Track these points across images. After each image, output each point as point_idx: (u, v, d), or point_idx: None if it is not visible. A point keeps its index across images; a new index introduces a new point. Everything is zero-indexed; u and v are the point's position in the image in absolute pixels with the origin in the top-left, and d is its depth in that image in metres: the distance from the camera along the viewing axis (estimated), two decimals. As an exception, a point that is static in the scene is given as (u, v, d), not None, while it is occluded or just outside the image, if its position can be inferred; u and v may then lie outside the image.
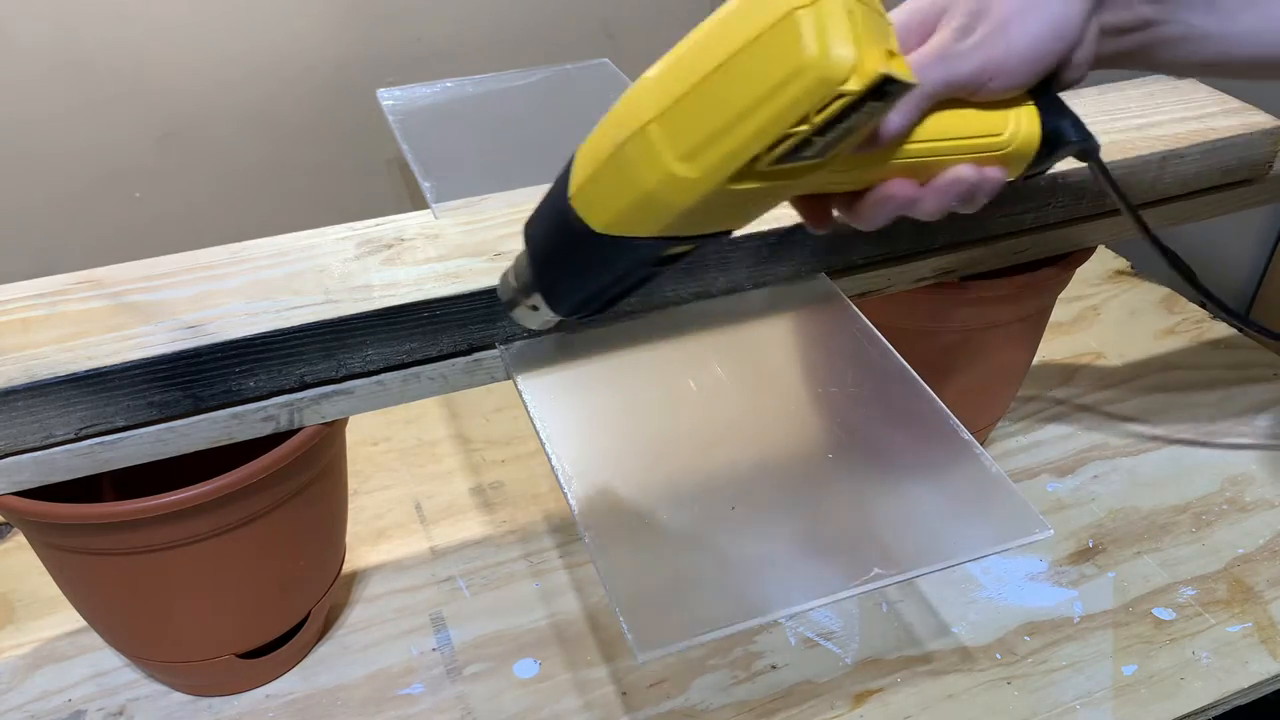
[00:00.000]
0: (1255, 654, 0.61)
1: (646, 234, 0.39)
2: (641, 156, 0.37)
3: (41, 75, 0.72)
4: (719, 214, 0.39)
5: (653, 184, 0.37)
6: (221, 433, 0.49)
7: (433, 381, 0.52)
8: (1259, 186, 0.69)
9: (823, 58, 0.33)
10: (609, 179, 0.39)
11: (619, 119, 0.38)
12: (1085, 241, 0.65)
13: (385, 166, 0.87)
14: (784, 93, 0.34)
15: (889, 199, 0.42)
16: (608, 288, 0.43)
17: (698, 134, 0.36)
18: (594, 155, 0.39)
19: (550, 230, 0.42)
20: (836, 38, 0.33)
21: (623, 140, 0.38)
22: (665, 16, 0.88)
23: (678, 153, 0.37)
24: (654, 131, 0.37)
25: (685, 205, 0.38)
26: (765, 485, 0.47)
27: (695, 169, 0.37)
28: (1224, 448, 0.76)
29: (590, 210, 0.40)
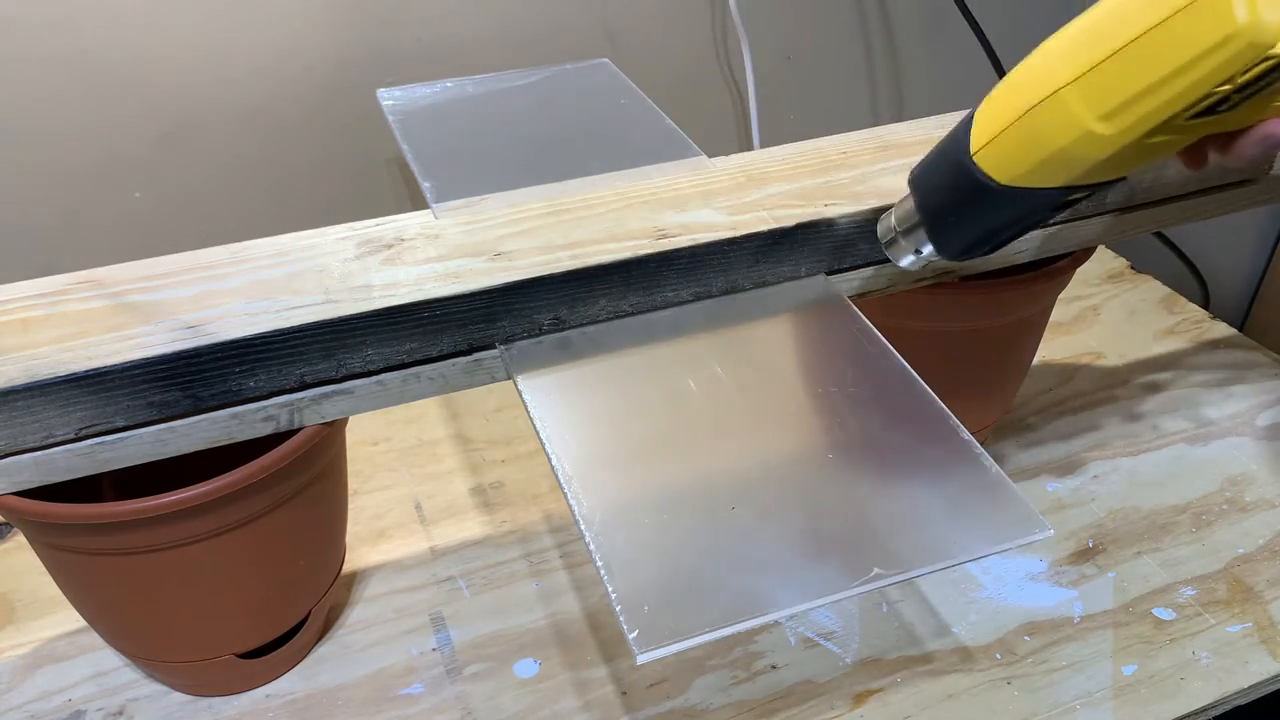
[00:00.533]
0: (1255, 654, 0.61)
1: (1054, 185, 0.43)
2: (1057, 117, 0.41)
3: (42, 75, 0.72)
4: (1125, 163, 0.42)
5: (1067, 141, 0.41)
6: (221, 433, 0.49)
7: (433, 381, 0.52)
8: (1259, 186, 0.69)
9: (1254, 24, 0.36)
10: (1019, 137, 0.43)
11: (1028, 81, 0.42)
12: (1085, 241, 0.65)
13: (385, 166, 0.87)
14: (1213, 57, 0.37)
15: (1268, 137, 0.43)
16: (1000, 232, 0.47)
17: (1119, 96, 0.40)
18: (1000, 115, 0.43)
19: (949, 183, 0.46)
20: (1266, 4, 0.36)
21: (1035, 102, 0.41)
22: (665, 16, 0.88)
23: (1097, 113, 0.40)
24: (1070, 95, 0.40)
25: (1098, 159, 0.41)
26: (765, 485, 0.47)
27: (1113, 127, 0.40)
28: (1224, 448, 0.76)
29: (996, 165, 0.44)
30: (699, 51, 0.92)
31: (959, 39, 0.91)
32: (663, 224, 0.55)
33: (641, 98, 0.74)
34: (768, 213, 0.56)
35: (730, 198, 0.58)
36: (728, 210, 0.56)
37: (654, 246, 0.53)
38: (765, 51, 0.93)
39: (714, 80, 0.94)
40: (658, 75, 0.89)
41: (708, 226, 0.55)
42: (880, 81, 1.02)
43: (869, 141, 0.64)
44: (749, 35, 0.89)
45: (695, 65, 0.92)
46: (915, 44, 1.01)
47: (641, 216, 0.56)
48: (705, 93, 0.94)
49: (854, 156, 0.62)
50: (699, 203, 0.57)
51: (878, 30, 0.98)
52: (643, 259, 0.53)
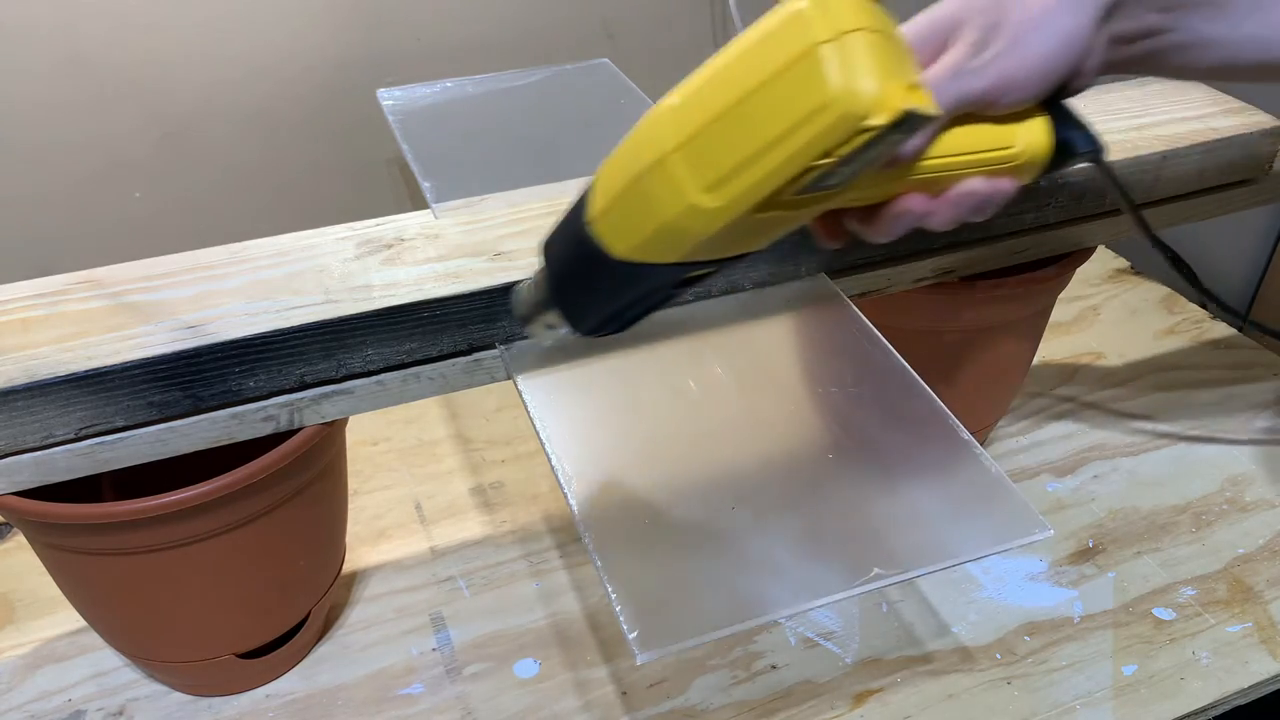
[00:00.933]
0: (1255, 654, 0.61)
1: (668, 260, 0.39)
2: (663, 187, 0.37)
3: (42, 75, 0.72)
4: (740, 239, 0.40)
5: (674, 214, 0.37)
6: (221, 433, 0.49)
7: (433, 381, 0.52)
8: (1259, 186, 0.69)
9: (847, 93, 0.33)
10: (629, 207, 0.39)
11: (639, 147, 0.38)
12: (1085, 241, 0.65)
13: (385, 166, 0.87)
14: (808, 128, 0.34)
15: (904, 213, 0.42)
16: (628, 309, 0.43)
17: (721, 166, 0.36)
18: (613, 183, 0.39)
19: (570, 254, 0.42)
20: (860, 73, 0.33)
21: (643, 169, 0.38)
22: (665, 16, 0.88)
23: (700, 184, 0.37)
24: (675, 162, 0.37)
25: (707, 234, 0.38)
26: (765, 485, 0.47)
27: (718, 199, 0.37)
28: (1224, 447, 0.76)
29: (610, 236, 0.40)
30: (699, 52, 0.91)
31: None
32: (663, 224, 0.55)
33: (641, 98, 0.74)
34: (768, 213, 0.56)
35: (730, 198, 0.58)
36: (728, 210, 0.56)
37: (654, 246, 0.53)
38: (765, 51, 0.93)
39: (714, 80, 0.94)
40: (658, 75, 0.89)
41: (708, 226, 0.55)
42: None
43: (869, 141, 0.64)
44: (749, 35, 0.89)
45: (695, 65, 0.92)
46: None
47: (641, 216, 0.56)
48: (705, 93, 0.94)
49: (854, 156, 0.62)
50: (699, 203, 0.57)
51: (878, 30, 0.98)
52: (643, 259, 0.53)
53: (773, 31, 0.35)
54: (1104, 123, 0.66)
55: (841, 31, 0.33)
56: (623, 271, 0.40)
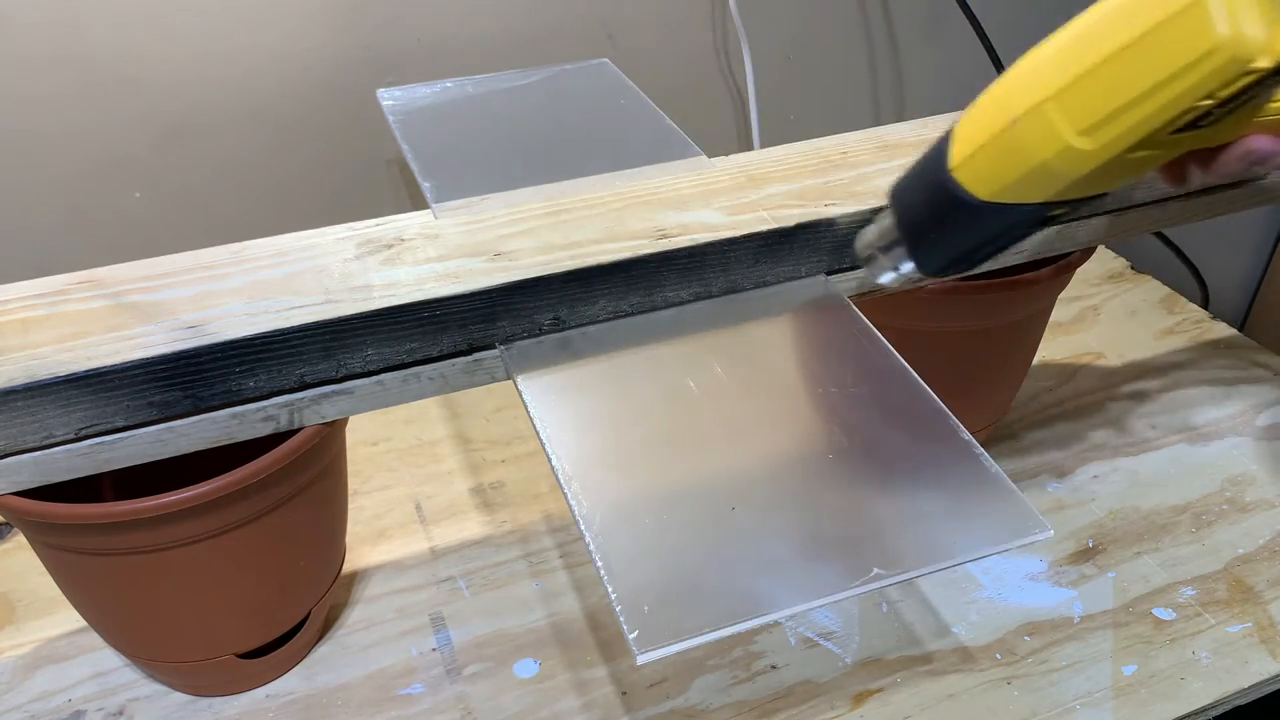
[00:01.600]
0: (1255, 654, 0.61)
1: (1034, 200, 0.42)
2: (1037, 132, 0.40)
3: (42, 74, 0.72)
4: (1107, 179, 0.42)
5: (1048, 156, 0.40)
6: (221, 433, 0.49)
7: (433, 381, 0.52)
8: (1259, 186, 0.69)
9: (1235, 38, 0.36)
10: (999, 152, 0.42)
11: (1007, 97, 0.41)
12: (1085, 241, 0.65)
13: (385, 166, 0.87)
14: (1194, 71, 0.37)
15: (1250, 153, 0.43)
16: (981, 248, 0.46)
17: (1100, 110, 0.39)
18: (979, 130, 0.42)
19: (929, 199, 0.45)
20: (1247, 18, 0.36)
21: (1016, 117, 0.41)
22: (665, 16, 0.88)
23: (1078, 128, 0.39)
24: (1052, 108, 0.40)
25: (1079, 175, 0.40)
26: (765, 485, 0.47)
27: (1094, 142, 0.39)
28: (1224, 447, 0.76)
29: (976, 181, 0.43)
30: (699, 51, 0.92)
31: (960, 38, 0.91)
32: (663, 224, 0.55)
33: (641, 98, 0.74)
34: (768, 213, 0.56)
35: (730, 198, 0.58)
36: (728, 210, 0.56)
37: (654, 246, 0.53)
38: (765, 51, 0.93)
39: (714, 80, 0.94)
40: (658, 75, 0.89)
41: (708, 226, 0.55)
42: (881, 81, 1.02)
43: (869, 141, 0.64)
44: (749, 35, 0.89)
45: (695, 65, 0.92)
46: (916, 43, 1.01)
47: (641, 216, 0.56)
48: (705, 93, 0.94)
49: (854, 156, 0.62)
50: (699, 203, 0.57)
51: (878, 30, 0.98)
52: (642, 259, 0.53)
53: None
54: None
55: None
56: (986, 213, 0.43)
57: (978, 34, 0.88)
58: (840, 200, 0.57)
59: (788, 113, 0.99)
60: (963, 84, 1.03)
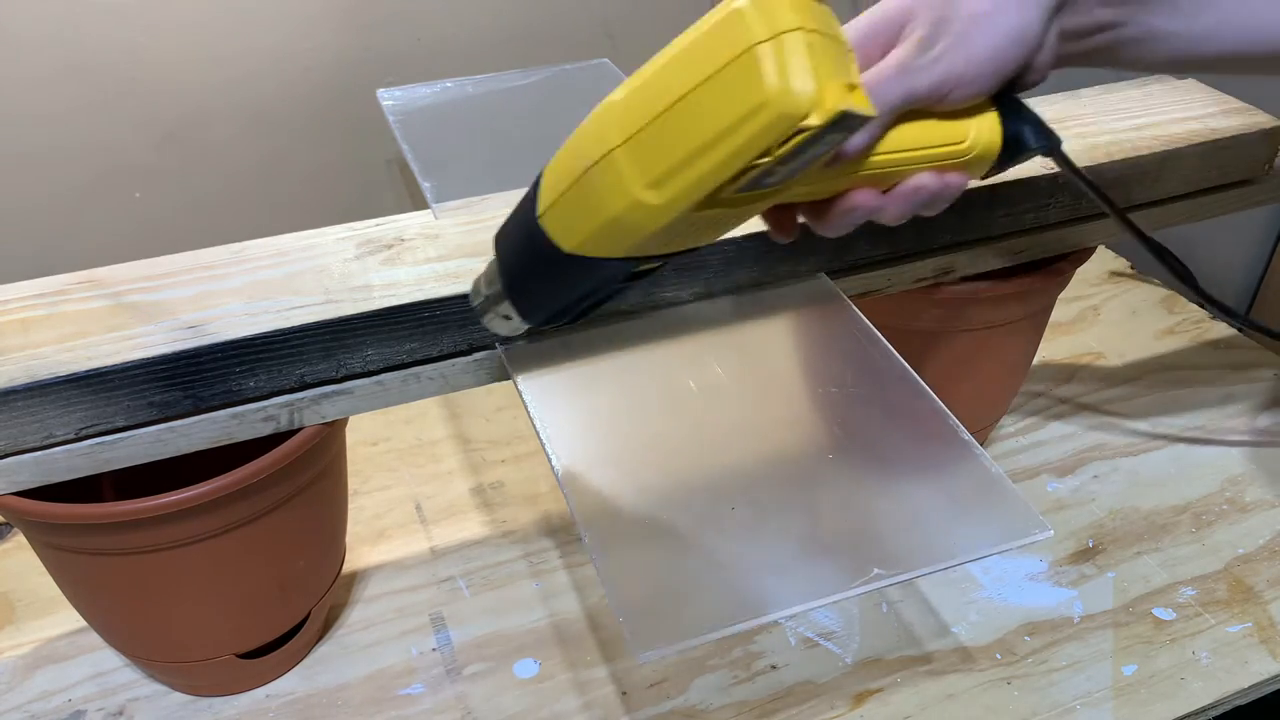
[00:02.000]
0: (1255, 654, 0.61)
1: (615, 255, 0.40)
2: (608, 182, 0.38)
3: (42, 75, 0.72)
4: (686, 234, 0.40)
5: (620, 209, 0.38)
6: (221, 433, 0.49)
7: (433, 381, 0.52)
8: (1259, 186, 0.69)
9: (783, 93, 0.33)
10: (577, 202, 0.39)
11: (585, 142, 0.38)
12: (1085, 241, 0.65)
13: (385, 166, 0.87)
14: (746, 127, 0.34)
15: (853, 209, 0.42)
16: (578, 301, 0.43)
17: (663, 163, 0.36)
18: (561, 177, 0.39)
19: (520, 247, 0.42)
20: (797, 73, 0.33)
21: (589, 165, 0.38)
22: (665, 16, 0.88)
23: (644, 180, 0.37)
24: (620, 158, 0.37)
25: (652, 230, 0.38)
26: (765, 485, 0.47)
27: (661, 196, 0.37)
28: (1224, 448, 0.76)
29: (559, 231, 0.40)
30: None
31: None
32: (663, 224, 0.55)
33: (641, 98, 0.74)
34: (768, 213, 0.56)
35: (730, 198, 0.58)
36: (728, 210, 0.56)
37: (654, 246, 0.53)
38: (765, 51, 0.93)
39: (714, 80, 0.94)
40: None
41: (708, 226, 0.55)
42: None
43: (869, 141, 0.64)
44: (749, 35, 0.89)
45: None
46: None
47: (641, 216, 0.56)
48: (705, 93, 0.94)
49: (854, 156, 0.62)
50: (699, 203, 0.57)
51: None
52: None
53: (712, 30, 0.35)
54: (1104, 123, 0.66)
55: (779, 31, 0.33)
56: (572, 265, 0.41)
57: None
58: (840, 200, 0.57)
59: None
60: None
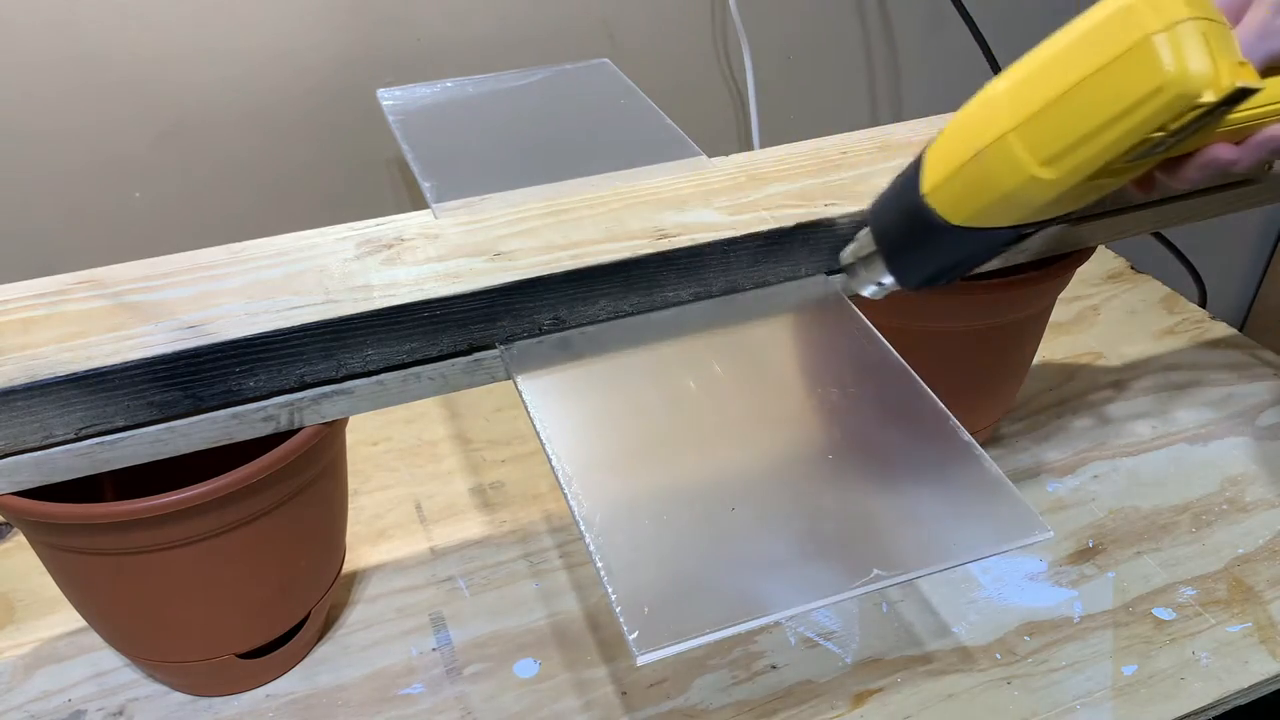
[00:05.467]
0: (1255, 654, 0.61)
1: (1003, 224, 0.45)
2: (1002, 162, 0.42)
3: (42, 74, 0.72)
4: (1070, 202, 0.44)
5: (1014, 185, 0.43)
6: (221, 433, 0.49)
7: (433, 381, 0.52)
8: (1259, 186, 0.69)
9: (1182, 75, 0.38)
10: (967, 181, 0.44)
11: (973, 127, 0.43)
12: (1085, 241, 0.65)
13: (385, 166, 0.87)
14: (1146, 106, 0.39)
15: (1212, 161, 0.44)
16: (959, 265, 0.49)
17: (1060, 142, 0.41)
18: (949, 159, 0.45)
19: (905, 222, 0.48)
20: (1193, 56, 0.38)
21: (981, 147, 0.43)
22: (665, 16, 0.88)
23: (1039, 158, 0.41)
24: (1014, 140, 0.42)
25: (1044, 201, 0.43)
26: (765, 486, 0.47)
27: (1056, 172, 0.41)
28: (1224, 447, 0.76)
29: (948, 207, 0.45)
30: (699, 51, 0.92)
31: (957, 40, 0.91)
32: (663, 224, 0.55)
33: (641, 98, 0.74)
34: (768, 213, 0.56)
35: (730, 198, 0.58)
36: (728, 210, 0.56)
37: (654, 246, 0.53)
38: (765, 51, 0.93)
39: (714, 80, 0.94)
40: (658, 75, 0.89)
41: (708, 226, 0.55)
42: (879, 82, 1.02)
43: (869, 141, 0.64)
44: (749, 35, 0.89)
45: (695, 65, 0.92)
46: (914, 44, 1.01)
47: (641, 216, 0.56)
48: (705, 93, 0.94)
49: (854, 156, 0.62)
50: (699, 203, 0.57)
51: (877, 31, 0.98)
52: (642, 259, 0.53)
53: (1105, 23, 0.39)
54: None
55: (1173, 22, 0.38)
56: (961, 236, 0.46)
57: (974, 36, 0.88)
58: (840, 200, 0.57)
59: (788, 112, 0.99)
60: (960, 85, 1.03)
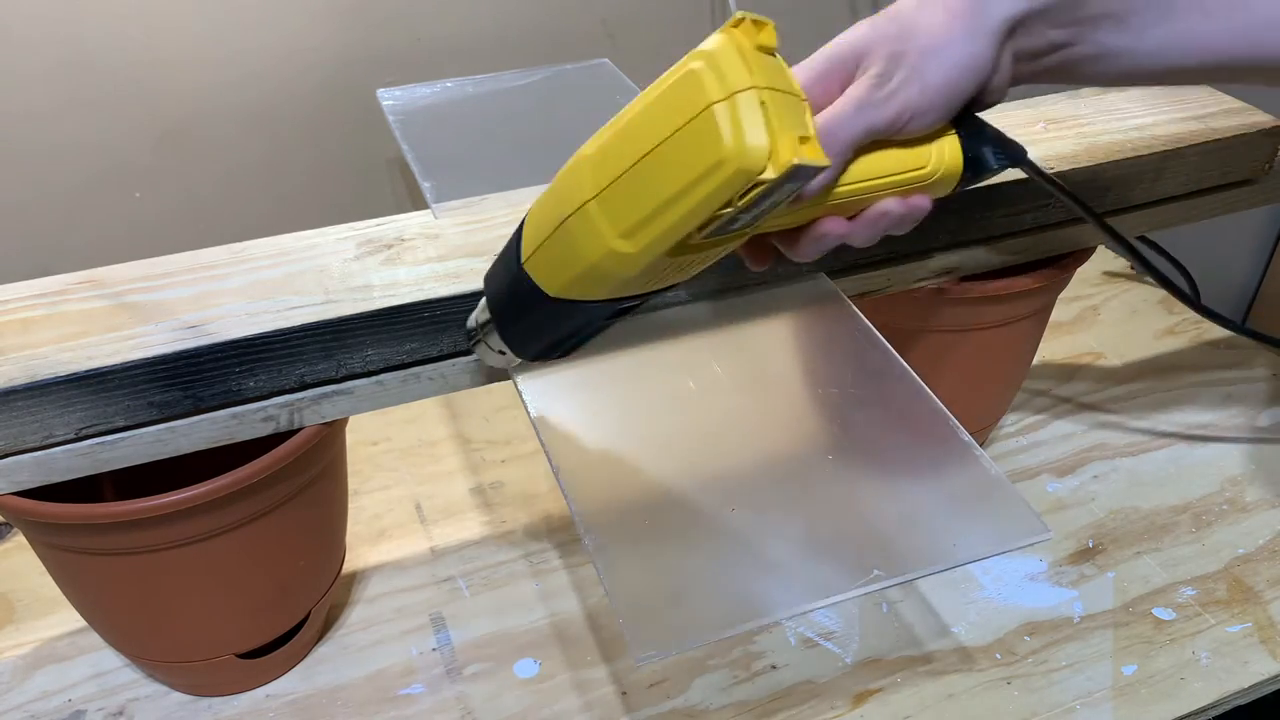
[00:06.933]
0: (1255, 654, 0.61)
1: (597, 297, 0.42)
2: (584, 232, 0.40)
3: (42, 74, 0.72)
4: (663, 275, 0.41)
5: (597, 257, 0.40)
6: (221, 433, 0.49)
7: (433, 381, 0.52)
8: (1259, 186, 0.69)
9: (739, 151, 0.35)
10: (556, 250, 0.41)
11: (562, 193, 0.40)
12: (1085, 241, 0.65)
13: (385, 166, 0.87)
14: (707, 182, 0.36)
15: (823, 236, 0.44)
16: (567, 338, 0.46)
17: (633, 215, 0.38)
18: (542, 226, 0.41)
19: (508, 291, 0.44)
20: (751, 130, 0.35)
21: (566, 215, 0.40)
22: (665, 16, 0.88)
23: (617, 230, 0.39)
24: (593, 210, 0.39)
25: (629, 275, 0.40)
26: (765, 486, 0.47)
27: (634, 245, 0.39)
28: (1224, 447, 0.76)
29: (543, 276, 0.42)
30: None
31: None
32: (663, 224, 0.55)
33: (641, 98, 0.74)
34: (768, 213, 0.56)
35: (730, 198, 0.58)
36: (728, 210, 0.56)
37: (654, 247, 0.53)
38: (765, 51, 0.93)
39: (714, 80, 0.94)
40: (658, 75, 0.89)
41: (708, 227, 0.55)
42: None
43: (869, 141, 0.64)
44: (749, 35, 0.89)
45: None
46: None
47: (641, 216, 0.56)
48: (705, 92, 0.94)
49: (854, 156, 0.62)
50: (699, 203, 0.57)
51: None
52: (643, 259, 0.53)
53: (672, 89, 0.37)
54: (1104, 123, 0.66)
55: (733, 91, 0.35)
56: (557, 308, 0.43)
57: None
58: (840, 200, 0.57)
59: (788, 113, 0.99)
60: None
